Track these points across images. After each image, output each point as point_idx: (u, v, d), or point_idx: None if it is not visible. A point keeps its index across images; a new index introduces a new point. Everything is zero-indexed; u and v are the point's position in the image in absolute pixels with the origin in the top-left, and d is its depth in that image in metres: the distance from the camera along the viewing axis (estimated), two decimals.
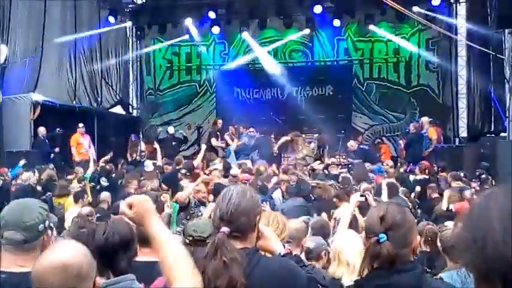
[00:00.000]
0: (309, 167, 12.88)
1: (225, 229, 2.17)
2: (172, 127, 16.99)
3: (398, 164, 13.16)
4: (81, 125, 13.92)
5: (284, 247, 2.50)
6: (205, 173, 10.82)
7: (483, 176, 10.67)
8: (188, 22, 17.40)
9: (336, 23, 17.03)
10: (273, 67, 18.05)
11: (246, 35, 17.85)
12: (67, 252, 1.63)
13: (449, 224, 5.03)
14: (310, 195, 8.78)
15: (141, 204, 1.93)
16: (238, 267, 2.08)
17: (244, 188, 2.43)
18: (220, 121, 16.38)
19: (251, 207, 2.26)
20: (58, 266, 1.60)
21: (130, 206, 1.92)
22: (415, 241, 2.15)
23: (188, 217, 6.54)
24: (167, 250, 1.84)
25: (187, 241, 3.14)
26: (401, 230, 2.07)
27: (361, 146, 14.90)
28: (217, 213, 2.24)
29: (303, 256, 3.80)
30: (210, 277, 2.06)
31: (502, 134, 14.12)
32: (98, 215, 6.71)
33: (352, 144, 14.56)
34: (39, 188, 9.41)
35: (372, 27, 17.16)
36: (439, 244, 4.29)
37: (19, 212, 2.32)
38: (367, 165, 12.04)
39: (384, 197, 7.93)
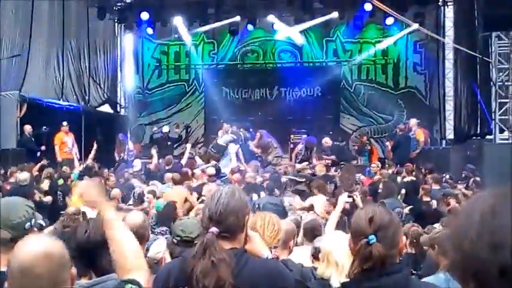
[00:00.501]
0: (296, 166, 12.93)
1: (214, 229, 2.18)
2: (167, 126, 16.82)
3: (386, 166, 13.21)
4: (65, 123, 13.73)
5: (271, 252, 2.51)
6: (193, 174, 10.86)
7: (470, 178, 10.77)
8: (177, 21, 17.33)
9: (325, 24, 17.07)
10: (261, 67, 18.03)
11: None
12: (46, 242, 1.62)
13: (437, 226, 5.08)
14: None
15: (87, 191, 2.16)
16: (227, 267, 2.09)
17: (233, 188, 2.44)
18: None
19: (240, 207, 2.26)
20: (41, 256, 1.58)
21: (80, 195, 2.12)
22: (402, 242, 2.18)
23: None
24: (123, 238, 2.09)
25: (175, 241, 3.13)
26: (390, 231, 2.09)
27: (336, 143, 15.03)
28: (206, 213, 2.24)
29: (291, 257, 3.80)
30: (198, 276, 2.07)
31: (488, 137, 14.26)
32: None
33: (326, 141, 14.61)
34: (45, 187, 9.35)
35: (360, 29, 17.23)
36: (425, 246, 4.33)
37: (6, 210, 2.31)
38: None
39: (381, 197, 8.01)
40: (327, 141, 14.61)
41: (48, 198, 9.11)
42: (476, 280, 0.94)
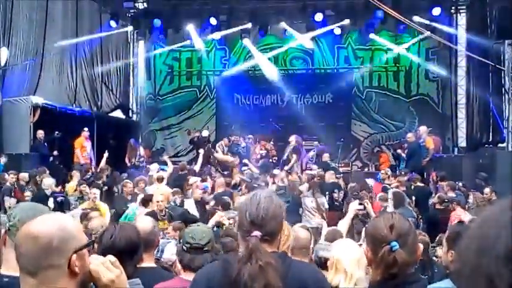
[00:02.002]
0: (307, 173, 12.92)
1: (257, 233, 2.19)
2: (206, 130, 16.82)
3: (402, 173, 13.11)
4: (86, 129, 13.96)
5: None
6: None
7: (483, 186, 10.71)
8: (190, 28, 17.43)
9: (337, 31, 17.07)
10: (273, 74, 18.09)
11: (246, 42, 17.89)
12: (38, 224, 1.60)
13: None
14: None
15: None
16: (274, 271, 2.10)
17: (269, 192, 2.47)
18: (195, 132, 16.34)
19: (279, 211, 2.30)
20: (29, 236, 1.58)
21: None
22: (419, 250, 2.19)
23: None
24: None
25: (185, 248, 3.13)
26: (410, 238, 2.11)
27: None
28: (247, 217, 2.25)
29: None
30: (247, 281, 2.08)
31: (501, 145, 14.16)
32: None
33: (292, 139, 14.59)
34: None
35: (372, 35, 17.21)
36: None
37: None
38: None
39: (390, 207, 7.98)
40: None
41: None
42: None
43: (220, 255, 3.46)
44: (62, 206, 9.10)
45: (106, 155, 12.81)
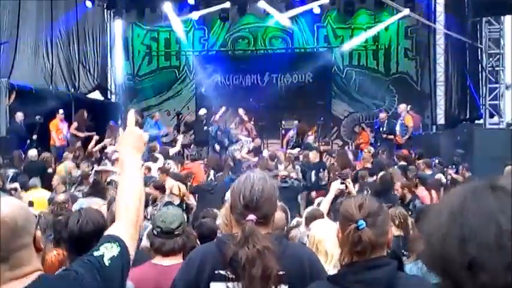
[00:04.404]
0: (288, 152, 13.00)
1: (252, 217, 2.17)
2: (204, 109, 16.24)
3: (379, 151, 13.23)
4: (61, 111, 13.74)
5: None
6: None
7: (459, 163, 10.85)
8: (167, 7, 17.16)
9: (316, 10, 16.98)
10: (252, 53, 17.95)
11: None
12: (1, 207, 1.54)
13: None
14: None
15: (137, 137, 2.12)
16: (272, 255, 2.09)
17: (263, 173, 2.43)
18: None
19: (273, 192, 2.28)
20: None
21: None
22: (390, 233, 2.18)
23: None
24: (124, 185, 1.95)
25: (155, 232, 3.10)
26: (379, 219, 2.10)
27: None
28: (241, 201, 2.22)
29: None
30: (245, 265, 2.08)
31: (478, 122, 14.34)
32: None
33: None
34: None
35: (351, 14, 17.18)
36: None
37: None
38: None
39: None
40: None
41: None
42: (446, 274, 0.95)
43: (191, 238, 3.45)
44: None
45: (96, 137, 12.67)
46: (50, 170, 10.34)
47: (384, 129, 13.97)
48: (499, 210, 0.92)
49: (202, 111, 15.89)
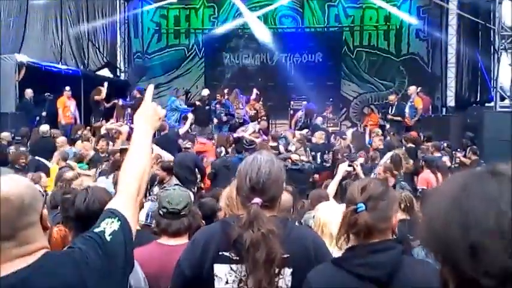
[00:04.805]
0: (296, 133, 12.94)
1: (258, 200, 2.16)
2: (206, 89, 15.94)
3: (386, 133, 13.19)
4: (67, 88, 13.70)
5: None
6: None
7: (468, 146, 10.79)
8: None
9: None
10: (262, 33, 17.83)
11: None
12: (6, 185, 1.54)
13: None
14: None
15: (153, 110, 2.09)
16: (276, 239, 2.08)
17: (270, 155, 2.38)
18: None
19: (280, 174, 2.26)
20: None
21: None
22: (395, 218, 2.14)
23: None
24: (129, 159, 1.93)
25: (161, 213, 3.11)
26: (382, 203, 2.07)
27: None
28: (247, 183, 2.20)
29: None
30: (249, 248, 2.07)
31: (488, 104, 14.20)
32: None
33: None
34: None
35: None
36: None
37: None
38: None
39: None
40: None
41: None
42: (447, 259, 0.95)
43: (197, 218, 3.46)
44: None
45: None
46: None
47: (393, 111, 13.86)
48: (499, 195, 0.93)
49: (205, 92, 15.77)
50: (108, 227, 1.67)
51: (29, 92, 12.90)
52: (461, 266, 0.92)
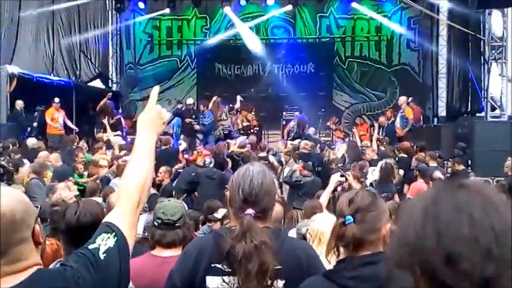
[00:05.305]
0: (288, 143, 12.93)
1: (251, 211, 2.15)
2: (191, 98, 16.18)
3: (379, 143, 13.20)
4: (56, 100, 13.58)
5: None
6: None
7: (460, 156, 10.83)
8: None
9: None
10: (254, 43, 17.90)
11: (227, 10, 17.62)
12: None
13: None
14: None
15: (156, 114, 2.02)
16: (269, 250, 2.07)
17: (262, 166, 2.37)
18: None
19: (272, 186, 2.26)
20: None
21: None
22: (385, 229, 2.10)
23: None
24: (130, 166, 1.87)
25: (156, 224, 3.09)
26: (369, 215, 2.06)
27: None
28: (239, 195, 2.19)
29: None
30: (242, 260, 2.06)
31: (479, 114, 14.31)
32: None
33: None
34: None
35: (354, 4, 17.09)
36: None
37: None
38: None
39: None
40: None
41: None
42: (424, 271, 0.95)
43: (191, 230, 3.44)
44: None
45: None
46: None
47: (383, 132, 13.84)
48: (471, 204, 0.95)
49: (190, 101, 15.80)
50: (103, 243, 1.62)
51: (19, 103, 12.84)
52: (440, 275, 0.92)
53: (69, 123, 14.01)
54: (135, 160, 1.87)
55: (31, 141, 10.71)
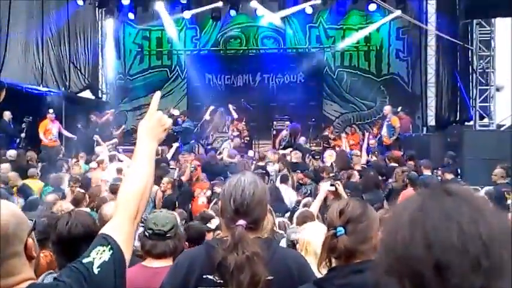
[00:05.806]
0: (280, 152, 12.95)
1: (242, 222, 2.13)
2: (177, 110, 15.96)
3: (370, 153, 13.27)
4: (51, 111, 13.64)
5: None
6: None
7: (450, 165, 10.91)
8: (159, 6, 17.09)
9: (308, 10, 16.94)
10: (245, 54, 17.89)
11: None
12: None
13: None
14: None
15: (157, 121, 1.95)
16: (261, 261, 2.06)
17: (253, 176, 2.36)
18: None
19: (264, 196, 2.24)
20: None
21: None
22: (376, 238, 2.11)
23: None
24: (129, 174, 1.83)
25: (147, 234, 3.08)
26: (360, 225, 2.06)
27: None
28: (231, 205, 2.18)
29: None
30: (233, 271, 2.05)
31: (468, 123, 14.42)
32: None
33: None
34: None
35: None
36: None
37: None
38: None
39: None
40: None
41: None
42: (413, 281, 0.94)
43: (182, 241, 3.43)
44: None
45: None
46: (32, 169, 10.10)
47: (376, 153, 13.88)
48: (458, 213, 0.94)
49: (176, 112, 15.72)
50: (98, 257, 1.58)
51: (7, 114, 12.79)
52: (429, 285, 0.91)
53: (65, 132, 14.02)
54: (135, 168, 1.84)
55: (10, 153, 10.59)
